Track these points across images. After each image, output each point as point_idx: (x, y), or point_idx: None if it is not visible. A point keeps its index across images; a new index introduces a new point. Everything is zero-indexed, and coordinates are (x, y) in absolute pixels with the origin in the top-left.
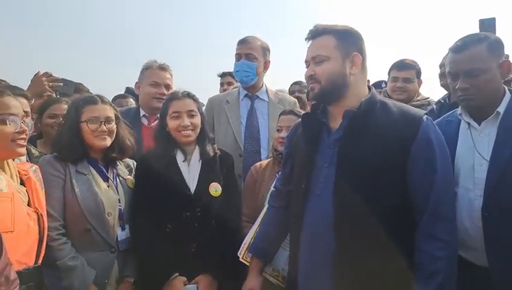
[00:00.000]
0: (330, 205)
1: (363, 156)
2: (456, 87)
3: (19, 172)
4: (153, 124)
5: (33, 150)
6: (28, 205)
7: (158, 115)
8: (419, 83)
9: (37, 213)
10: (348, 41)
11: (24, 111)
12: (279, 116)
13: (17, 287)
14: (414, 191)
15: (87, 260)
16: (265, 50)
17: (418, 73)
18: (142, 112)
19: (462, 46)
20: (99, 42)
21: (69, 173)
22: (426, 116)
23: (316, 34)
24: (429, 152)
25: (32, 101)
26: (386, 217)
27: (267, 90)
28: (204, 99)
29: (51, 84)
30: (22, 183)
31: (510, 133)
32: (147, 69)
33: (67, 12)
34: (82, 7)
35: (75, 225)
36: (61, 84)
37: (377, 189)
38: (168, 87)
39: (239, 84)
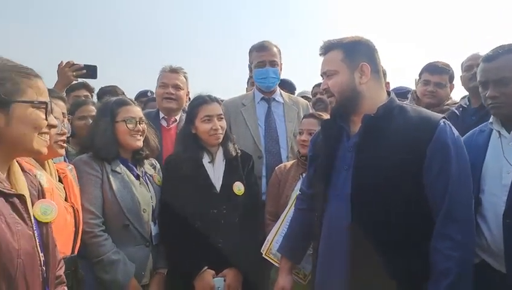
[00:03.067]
0: (347, 206)
1: (379, 159)
2: (486, 95)
3: (57, 170)
4: (171, 126)
5: (69, 148)
6: (65, 200)
7: (177, 117)
8: (451, 87)
9: (73, 208)
10: (355, 52)
11: (62, 113)
12: (302, 119)
13: (63, 267)
14: (430, 193)
15: (125, 254)
16: (280, 53)
17: (451, 77)
18: (161, 115)
19: (492, 56)
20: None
21: (105, 172)
22: (444, 120)
23: (325, 49)
24: (444, 155)
25: (64, 94)
26: (400, 220)
27: (281, 93)
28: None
29: (74, 73)
30: (60, 180)
31: None
32: (160, 73)
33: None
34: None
35: (114, 222)
36: (85, 71)
37: (392, 192)
38: (176, 87)
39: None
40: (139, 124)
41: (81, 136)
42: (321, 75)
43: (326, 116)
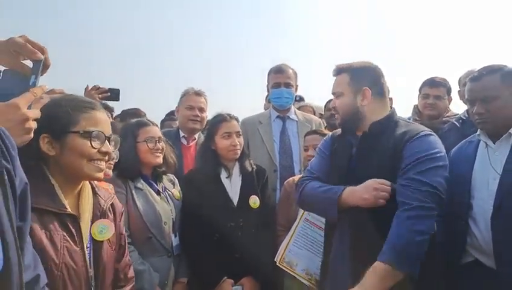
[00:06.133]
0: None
1: (366, 171)
2: (473, 112)
3: None
4: (191, 144)
5: None
6: None
7: (196, 136)
8: (449, 100)
9: None
10: (360, 77)
11: None
12: (305, 136)
13: (133, 285)
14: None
15: (149, 265)
16: (296, 75)
17: (449, 90)
18: (181, 133)
19: (478, 77)
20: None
21: (129, 189)
22: (428, 132)
23: (336, 72)
24: (416, 154)
25: None
26: (387, 225)
27: (295, 111)
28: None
29: (100, 95)
30: None
31: None
32: (184, 95)
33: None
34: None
35: (138, 235)
36: (109, 93)
37: None
38: (201, 110)
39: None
40: (158, 142)
41: None
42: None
43: (328, 132)
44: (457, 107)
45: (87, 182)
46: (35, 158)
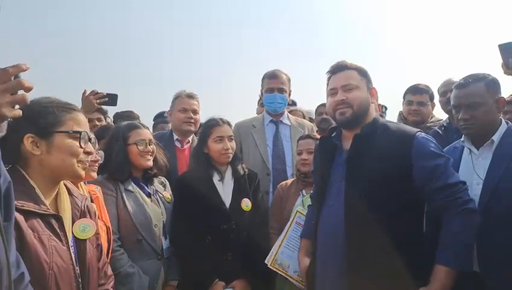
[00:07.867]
0: (341, 214)
1: (366, 172)
2: (459, 117)
3: (89, 192)
4: (185, 147)
5: None
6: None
7: (189, 139)
8: (433, 105)
9: (106, 225)
10: (367, 77)
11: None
12: (298, 140)
13: (113, 282)
14: (425, 185)
15: (139, 268)
16: (290, 81)
17: (431, 97)
18: (175, 136)
19: (463, 84)
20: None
21: (119, 192)
22: (419, 132)
23: (342, 68)
24: (426, 158)
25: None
26: (389, 223)
27: (288, 116)
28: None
29: (98, 100)
30: (91, 201)
31: (501, 159)
32: (176, 98)
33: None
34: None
35: (128, 237)
36: (107, 99)
37: (379, 199)
38: (195, 112)
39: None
40: (149, 145)
41: None
42: (332, 89)
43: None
44: (440, 112)
45: (63, 183)
46: (12, 160)
